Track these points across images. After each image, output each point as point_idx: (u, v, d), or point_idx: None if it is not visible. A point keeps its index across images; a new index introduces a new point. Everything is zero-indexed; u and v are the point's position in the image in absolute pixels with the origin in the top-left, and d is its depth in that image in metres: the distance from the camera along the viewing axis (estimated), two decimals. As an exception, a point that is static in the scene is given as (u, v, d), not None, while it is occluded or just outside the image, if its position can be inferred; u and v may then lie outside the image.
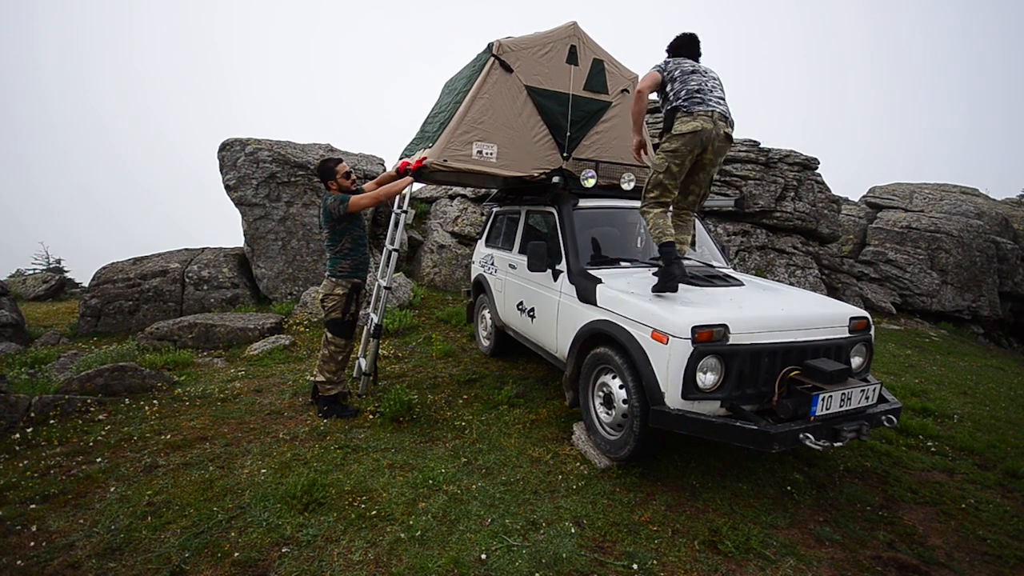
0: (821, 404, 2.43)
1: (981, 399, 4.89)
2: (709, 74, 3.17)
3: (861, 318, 2.91)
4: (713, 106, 3.02)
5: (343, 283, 3.69)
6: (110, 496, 2.68)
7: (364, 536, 2.37)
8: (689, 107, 3.01)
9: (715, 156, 3.13)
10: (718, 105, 3.05)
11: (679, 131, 3.00)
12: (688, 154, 3.04)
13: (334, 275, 3.70)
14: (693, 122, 2.98)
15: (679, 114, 3.04)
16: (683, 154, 3.02)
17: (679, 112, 3.04)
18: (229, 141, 7.76)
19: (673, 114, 3.08)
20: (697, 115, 2.99)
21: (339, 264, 3.69)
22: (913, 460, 3.31)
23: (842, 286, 9.25)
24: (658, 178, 3.08)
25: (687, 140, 2.99)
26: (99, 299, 6.92)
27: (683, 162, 3.05)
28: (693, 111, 3.00)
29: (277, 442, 3.32)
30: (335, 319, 3.69)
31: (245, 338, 5.83)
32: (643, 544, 2.34)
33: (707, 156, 3.11)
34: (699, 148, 3.04)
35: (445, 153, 3.63)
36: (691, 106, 3.01)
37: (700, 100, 3.02)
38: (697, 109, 3.00)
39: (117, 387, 4.10)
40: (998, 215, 11.58)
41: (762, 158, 8.92)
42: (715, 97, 3.07)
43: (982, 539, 2.53)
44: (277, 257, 7.59)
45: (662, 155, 3.08)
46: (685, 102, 3.03)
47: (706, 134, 2.99)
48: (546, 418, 3.70)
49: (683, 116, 3.02)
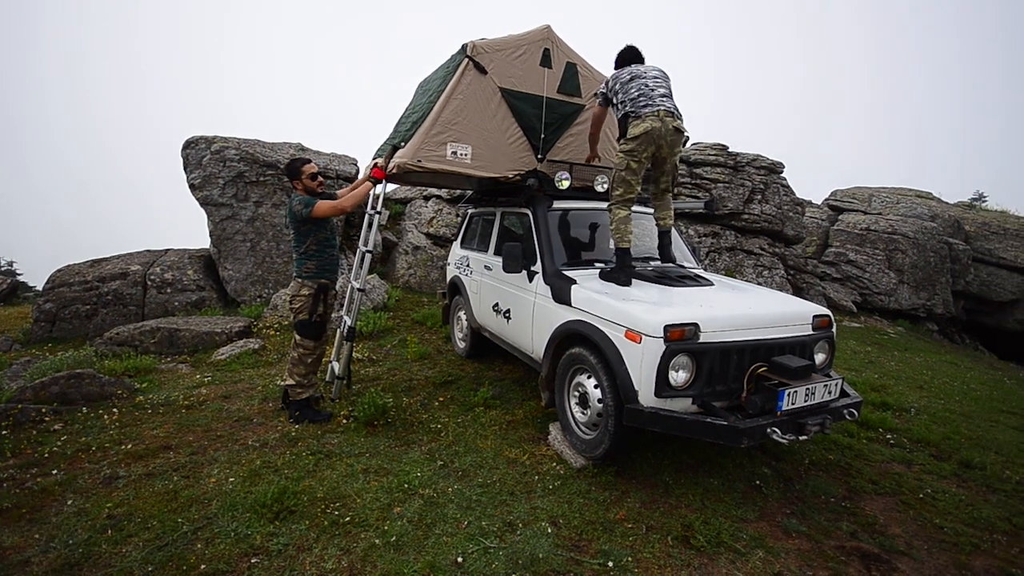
0: (787, 399, 2.51)
1: (936, 393, 5.14)
2: (650, 75, 3.44)
3: (824, 316, 3.02)
4: (658, 105, 3.30)
5: (309, 284, 3.63)
6: (67, 509, 2.56)
7: (337, 543, 2.33)
8: (637, 111, 3.30)
9: (670, 148, 3.41)
10: (663, 103, 3.31)
11: (632, 134, 3.31)
12: (643, 151, 3.33)
13: (300, 276, 3.64)
14: (643, 124, 3.27)
15: (630, 119, 3.34)
16: (639, 152, 3.33)
17: (629, 118, 3.35)
18: (194, 139, 7.52)
19: (625, 120, 3.38)
20: (645, 117, 3.27)
21: (305, 265, 3.63)
22: (873, 452, 3.45)
23: (806, 286, 9.59)
24: (621, 175, 3.38)
25: (640, 140, 3.29)
26: (54, 303, 6.59)
27: (640, 159, 3.35)
28: (641, 114, 3.29)
29: (246, 449, 3.23)
30: (303, 320, 3.63)
31: (212, 342, 5.65)
32: (618, 541, 2.37)
33: (663, 151, 3.41)
34: (653, 145, 3.33)
35: (419, 153, 3.60)
36: (638, 110, 3.30)
37: (645, 103, 3.31)
38: (644, 112, 3.28)
39: (74, 395, 3.91)
40: (951, 217, 12.20)
41: (730, 162, 9.17)
42: (659, 96, 3.34)
43: (939, 527, 2.65)
44: (246, 259, 7.38)
45: (621, 155, 3.40)
46: (632, 108, 3.33)
47: (656, 132, 3.28)
48: (522, 419, 3.70)
49: (633, 120, 3.32)
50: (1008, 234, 11.79)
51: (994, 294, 11.46)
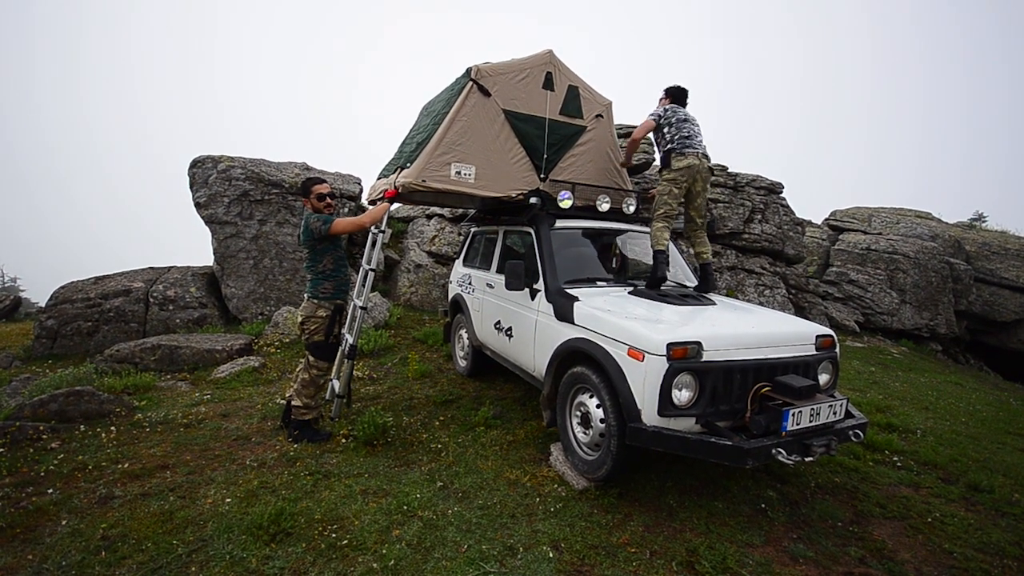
0: (792, 419, 2.49)
1: (942, 414, 5.08)
2: (693, 121, 4.02)
3: (827, 336, 3.01)
4: (698, 147, 3.93)
5: (326, 305, 3.61)
6: (62, 529, 2.52)
7: (334, 567, 2.28)
8: (681, 149, 3.90)
9: (704, 184, 4.02)
10: (701, 147, 3.97)
11: (676, 166, 3.89)
12: (684, 182, 3.90)
13: (316, 296, 3.61)
14: (686, 160, 3.87)
15: (674, 154, 3.91)
16: (680, 182, 3.89)
17: (673, 152, 3.92)
18: (200, 158, 7.62)
19: (669, 154, 3.95)
20: (687, 155, 3.87)
21: (321, 285, 3.61)
22: (880, 475, 3.40)
23: (808, 305, 9.56)
24: (663, 199, 3.93)
25: (682, 172, 3.87)
26: (56, 320, 6.59)
27: (680, 188, 3.91)
28: (685, 152, 3.88)
29: (243, 469, 3.19)
30: (318, 343, 3.60)
31: (212, 360, 5.62)
32: (621, 567, 2.32)
33: (697, 186, 3.99)
34: (691, 179, 3.91)
35: (424, 173, 3.64)
36: (683, 148, 3.89)
37: (688, 144, 3.90)
38: (687, 150, 3.89)
39: (72, 413, 3.89)
40: (951, 237, 12.23)
41: (730, 182, 9.24)
42: (699, 140, 3.97)
43: (949, 552, 2.59)
44: (248, 276, 7.41)
45: (665, 183, 3.95)
46: (678, 145, 3.91)
47: (695, 168, 3.88)
48: (523, 439, 3.66)
49: (677, 156, 3.90)
50: (1009, 254, 11.80)
51: (997, 314, 11.41)
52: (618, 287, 3.62)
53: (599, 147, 4.34)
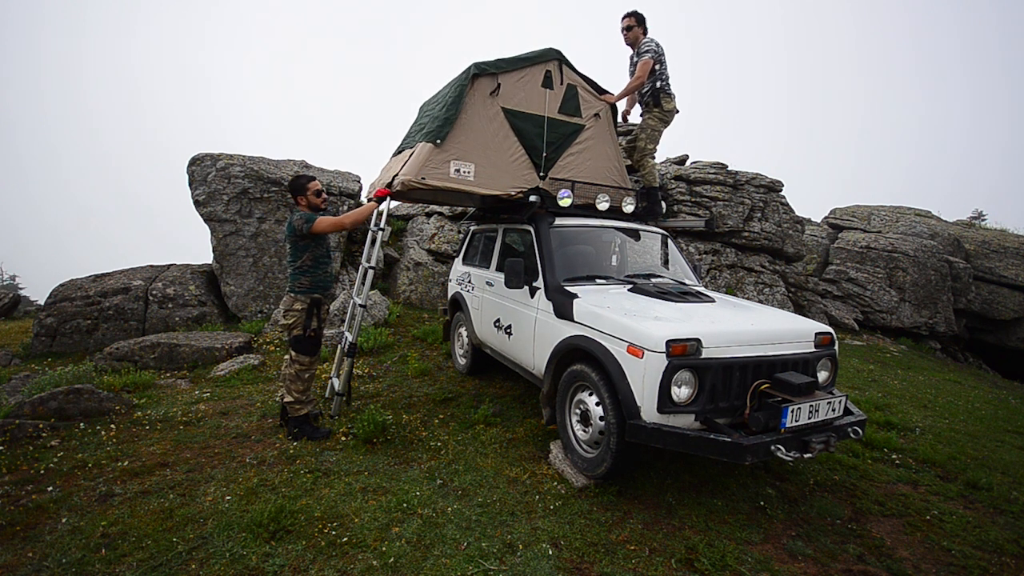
0: (791, 416, 2.49)
1: (941, 412, 5.09)
2: None
3: (826, 334, 3.01)
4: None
5: (302, 298, 3.64)
6: (61, 527, 2.52)
7: (334, 565, 2.29)
8: (668, 89, 4.08)
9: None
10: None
11: (667, 108, 4.12)
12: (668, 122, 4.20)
13: (293, 290, 3.67)
14: (672, 102, 4.12)
15: (663, 95, 4.09)
16: (668, 121, 4.19)
17: (663, 93, 4.09)
18: (200, 156, 7.60)
19: (659, 93, 4.11)
20: (672, 97, 4.11)
21: (299, 280, 3.66)
22: (879, 473, 3.40)
23: (807, 303, 9.57)
24: (654, 135, 4.19)
25: (669, 113, 4.16)
26: (55, 318, 6.59)
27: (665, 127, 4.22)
28: (671, 93, 4.09)
29: (243, 467, 3.19)
30: (297, 336, 3.64)
31: (211, 358, 5.62)
32: (620, 564, 2.32)
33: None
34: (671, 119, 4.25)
35: (423, 171, 3.64)
36: (669, 88, 4.08)
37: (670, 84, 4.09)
38: (671, 92, 4.11)
39: (72, 411, 3.89)
40: (950, 236, 12.23)
41: (730, 180, 9.23)
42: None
43: (947, 550, 2.60)
44: (247, 274, 7.40)
45: (655, 120, 4.21)
46: (667, 84, 4.08)
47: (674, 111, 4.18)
48: (523, 437, 3.67)
49: (666, 97, 4.10)
50: (1008, 252, 11.80)
51: (996, 312, 11.42)
52: (617, 284, 3.62)
53: (598, 146, 4.34)
